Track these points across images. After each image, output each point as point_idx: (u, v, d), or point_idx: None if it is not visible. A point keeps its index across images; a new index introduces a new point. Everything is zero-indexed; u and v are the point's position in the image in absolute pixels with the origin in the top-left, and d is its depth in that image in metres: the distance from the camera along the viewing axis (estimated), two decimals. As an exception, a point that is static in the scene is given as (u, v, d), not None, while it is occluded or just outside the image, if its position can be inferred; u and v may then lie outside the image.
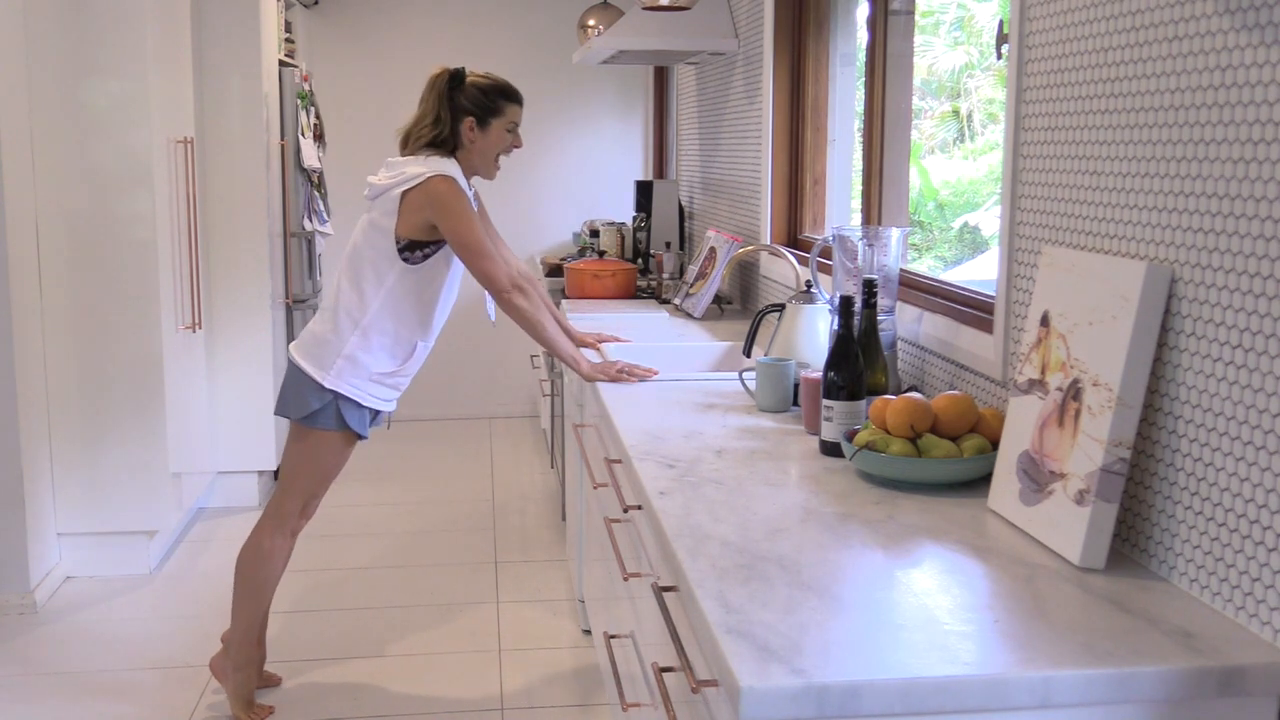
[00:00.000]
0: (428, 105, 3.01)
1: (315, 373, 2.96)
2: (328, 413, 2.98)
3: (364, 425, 3.04)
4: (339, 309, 2.99)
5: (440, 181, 2.90)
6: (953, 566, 1.69)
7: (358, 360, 2.97)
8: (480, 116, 3.00)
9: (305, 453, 3.06)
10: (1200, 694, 1.38)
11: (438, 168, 2.93)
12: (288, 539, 3.13)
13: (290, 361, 3.04)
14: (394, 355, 3.02)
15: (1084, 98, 1.88)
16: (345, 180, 6.18)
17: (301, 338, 3.06)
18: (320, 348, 2.98)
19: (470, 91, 3.00)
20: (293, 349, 3.05)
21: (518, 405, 6.62)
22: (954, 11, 6.03)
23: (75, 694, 3.24)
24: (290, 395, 3.01)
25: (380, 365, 3.00)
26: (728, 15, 4.40)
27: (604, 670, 2.98)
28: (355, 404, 3.00)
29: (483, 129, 3.01)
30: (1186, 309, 1.61)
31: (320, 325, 3.02)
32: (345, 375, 2.97)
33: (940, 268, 6.35)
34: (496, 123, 3.02)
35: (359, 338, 2.97)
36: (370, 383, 3.00)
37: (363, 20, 6.26)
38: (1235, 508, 1.50)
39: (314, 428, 3.00)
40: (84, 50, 3.86)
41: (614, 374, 2.91)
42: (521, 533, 4.62)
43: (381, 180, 2.99)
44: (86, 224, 3.92)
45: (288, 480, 3.10)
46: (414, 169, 2.94)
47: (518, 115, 3.06)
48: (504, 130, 3.04)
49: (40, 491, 3.87)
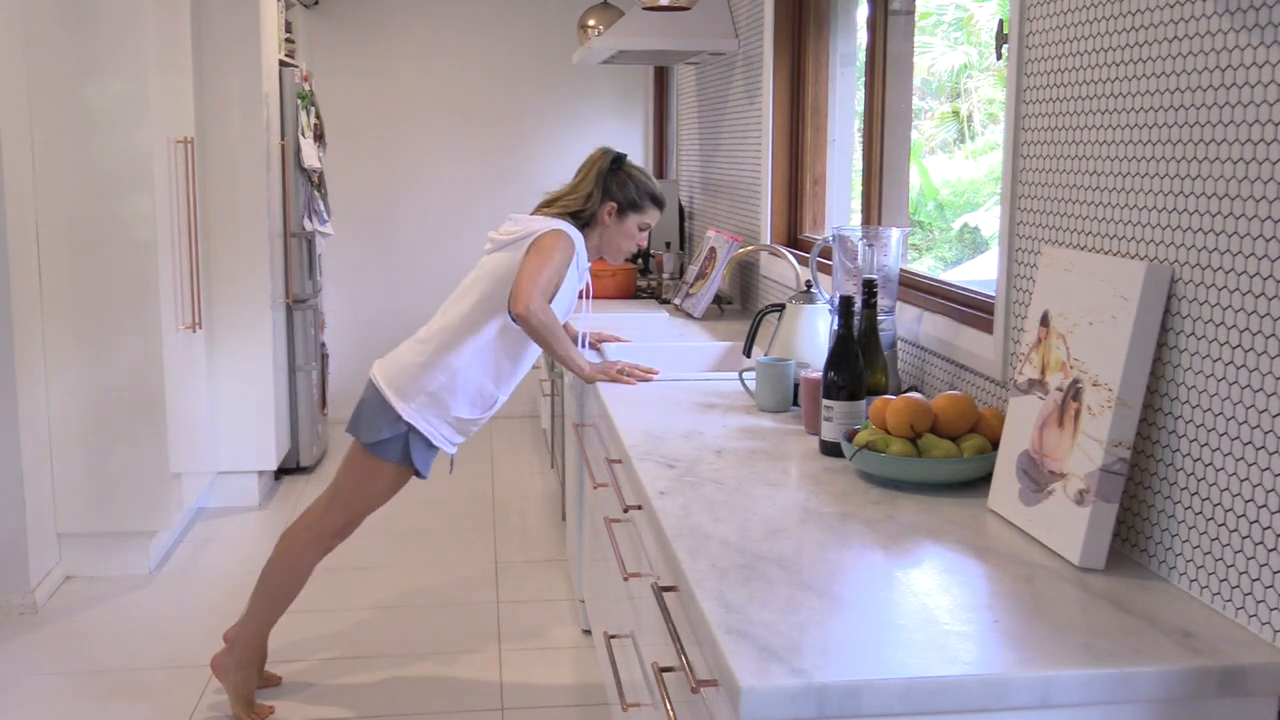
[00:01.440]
0: (584, 181, 3.08)
1: (396, 402, 2.94)
2: (396, 444, 2.96)
3: (428, 465, 3.02)
4: (435, 345, 2.97)
5: (556, 235, 2.93)
6: (953, 566, 1.69)
7: (441, 400, 2.96)
8: (623, 206, 3.06)
9: (360, 476, 3.04)
10: (1200, 694, 1.38)
11: (561, 227, 2.96)
12: (320, 554, 3.13)
13: (371, 382, 3.00)
14: (475, 404, 3.01)
15: (1084, 98, 1.88)
16: (345, 180, 6.19)
17: (388, 361, 3.02)
18: (407, 378, 2.96)
19: (623, 180, 3.07)
20: (377, 370, 3.01)
21: (518, 405, 6.62)
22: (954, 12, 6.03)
23: (75, 694, 3.24)
24: (365, 416, 2.99)
25: (461, 411, 2.99)
26: (728, 15, 4.40)
27: (604, 670, 2.98)
28: (426, 441, 2.98)
29: (620, 218, 3.07)
30: (1186, 309, 1.61)
31: (412, 355, 2.99)
32: (425, 412, 2.95)
33: (940, 268, 6.35)
34: (634, 218, 3.08)
35: (447, 379, 2.95)
36: (446, 424, 2.99)
37: (363, 20, 6.26)
38: (1235, 508, 1.50)
39: (379, 455, 2.98)
40: (84, 50, 3.86)
41: (614, 374, 2.91)
42: (521, 533, 4.62)
43: (504, 234, 3.01)
44: (86, 224, 3.92)
45: (336, 498, 3.09)
46: (540, 225, 2.97)
47: (654, 219, 3.14)
48: (636, 226, 3.10)
49: (40, 491, 3.87)
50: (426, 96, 6.33)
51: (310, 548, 3.10)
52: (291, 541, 3.11)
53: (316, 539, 3.10)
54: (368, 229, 6.35)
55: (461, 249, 6.31)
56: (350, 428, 3.04)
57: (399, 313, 6.31)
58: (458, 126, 6.35)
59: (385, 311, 6.37)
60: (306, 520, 3.13)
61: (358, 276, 6.36)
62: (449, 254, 6.33)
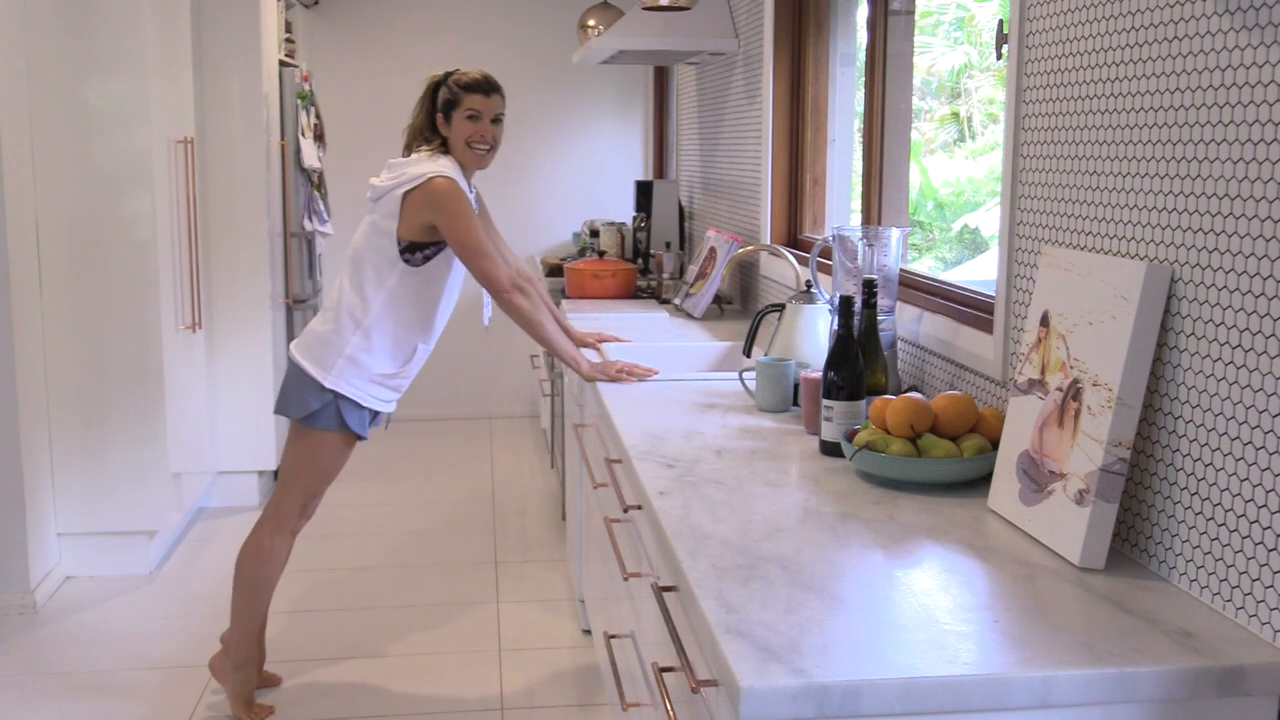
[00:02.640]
0: (416, 105, 3.11)
1: (316, 372, 2.96)
2: (328, 413, 2.98)
3: (364, 426, 3.05)
4: (340, 309, 2.99)
5: (440, 181, 2.91)
6: (953, 566, 1.69)
7: (359, 361, 2.97)
8: (445, 111, 3.04)
9: (305, 452, 3.06)
10: (1200, 694, 1.38)
11: (438, 168, 2.93)
12: (287, 539, 3.13)
13: (290, 360, 3.04)
14: (395, 357, 3.02)
15: (1084, 98, 1.88)
16: (345, 180, 6.18)
17: (303, 337, 3.06)
18: (322, 347, 2.98)
19: (442, 90, 3.05)
20: (293, 348, 3.05)
21: (518, 405, 6.62)
22: (954, 12, 6.03)
23: (75, 694, 3.24)
24: (291, 394, 3.02)
25: (381, 366, 3.00)
26: (728, 15, 4.40)
27: (604, 670, 2.98)
28: (355, 404, 3.00)
29: (448, 121, 3.04)
30: (1186, 309, 1.61)
31: (322, 325, 3.02)
32: (346, 375, 2.97)
33: (940, 268, 6.35)
34: (456, 114, 3.03)
35: (360, 338, 2.97)
36: (371, 383, 3.00)
37: (363, 20, 6.26)
38: (1235, 508, 1.50)
39: (314, 428, 3.00)
40: (84, 50, 3.86)
41: (614, 374, 2.91)
42: (521, 533, 4.62)
43: (383, 181, 3.00)
44: (86, 224, 3.92)
45: (287, 480, 3.10)
46: (414, 170, 2.95)
47: (477, 103, 3.02)
48: (464, 118, 3.02)
49: (40, 491, 3.87)
50: (426, 96, 6.32)
51: (274, 535, 3.11)
52: (256, 534, 3.13)
53: (279, 526, 3.11)
54: (368, 229, 6.34)
55: (461, 249, 6.29)
56: (279, 409, 3.06)
57: (399, 313, 6.30)
58: (458, 126, 6.34)
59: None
60: (266, 512, 3.15)
61: (358, 276, 6.35)
62: (449, 254, 6.32)
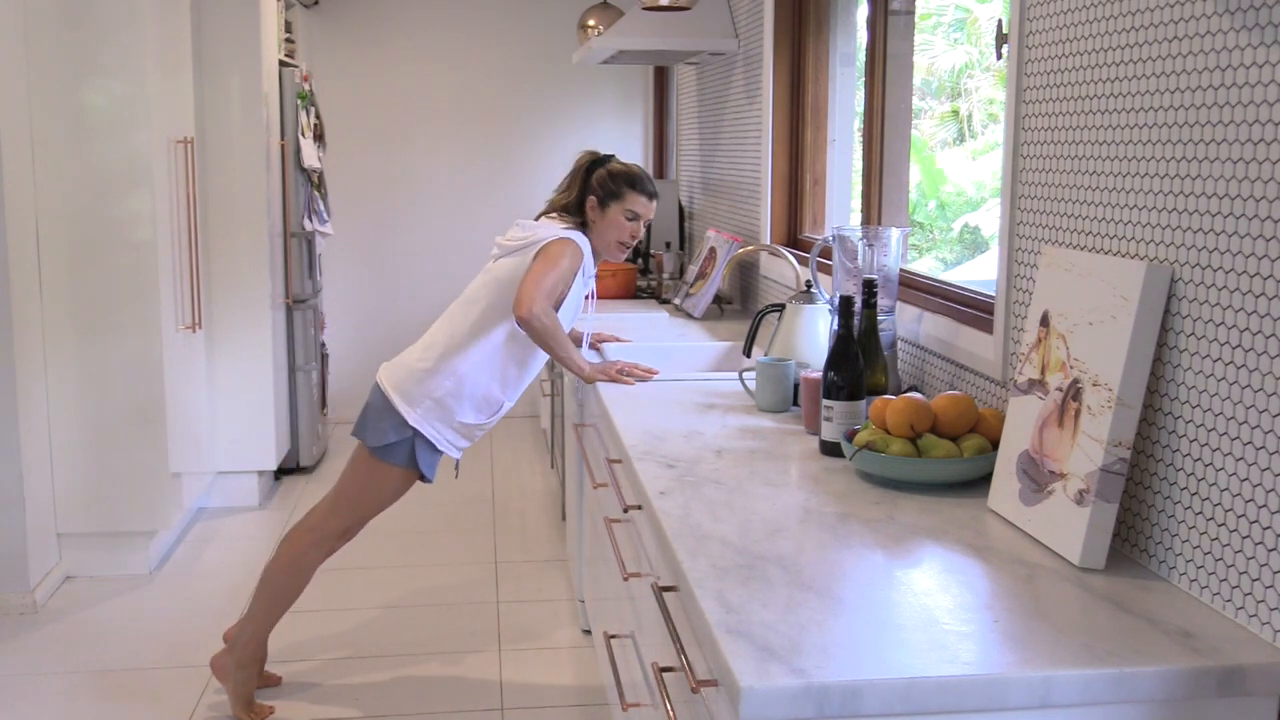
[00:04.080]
0: (572, 183, 3.09)
1: (402, 407, 2.94)
2: (402, 448, 2.96)
3: (433, 469, 3.02)
4: (440, 350, 2.97)
5: (564, 242, 2.93)
6: (953, 566, 1.69)
7: (446, 406, 2.96)
8: (601, 197, 3.04)
9: (367, 479, 3.04)
10: (1200, 694, 1.38)
11: (570, 234, 2.96)
12: (323, 556, 3.13)
13: (377, 386, 3.00)
14: (480, 410, 3.01)
15: (1084, 98, 1.88)
16: (345, 180, 6.19)
17: (394, 366, 3.02)
18: (413, 383, 2.96)
19: (601, 174, 3.05)
20: (383, 375, 3.01)
21: (518, 405, 6.60)
22: (954, 12, 6.03)
23: (75, 694, 3.24)
24: (370, 420, 2.99)
25: (466, 416, 2.99)
26: (728, 15, 4.40)
27: (604, 670, 2.98)
28: (432, 446, 2.98)
29: (602, 209, 3.04)
30: (1186, 309, 1.61)
31: (418, 361, 2.99)
32: (430, 417, 2.95)
33: (940, 268, 6.35)
34: (615, 206, 3.04)
35: (453, 384, 2.95)
36: (451, 430, 2.99)
37: (363, 20, 6.26)
38: (1235, 508, 1.50)
39: (384, 460, 2.98)
40: (84, 51, 3.86)
41: (614, 374, 2.91)
42: (521, 533, 4.62)
43: (511, 240, 3.01)
44: (86, 224, 3.92)
45: (341, 501, 3.09)
46: (546, 231, 2.97)
47: (638, 204, 3.05)
48: (622, 215, 3.04)
49: (40, 491, 3.87)
50: (426, 96, 6.33)
51: (313, 550, 3.10)
52: (295, 543, 3.11)
53: (319, 541, 3.10)
54: (368, 229, 6.35)
55: (461, 249, 6.30)
56: (356, 431, 3.04)
57: (399, 313, 6.31)
58: (457, 126, 6.35)
59: (385, 311, 6.37)
60: (310, 522, 3.13)
61: (358, 276, 6.36)
62: (448, 254, 6.33)
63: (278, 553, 3.14)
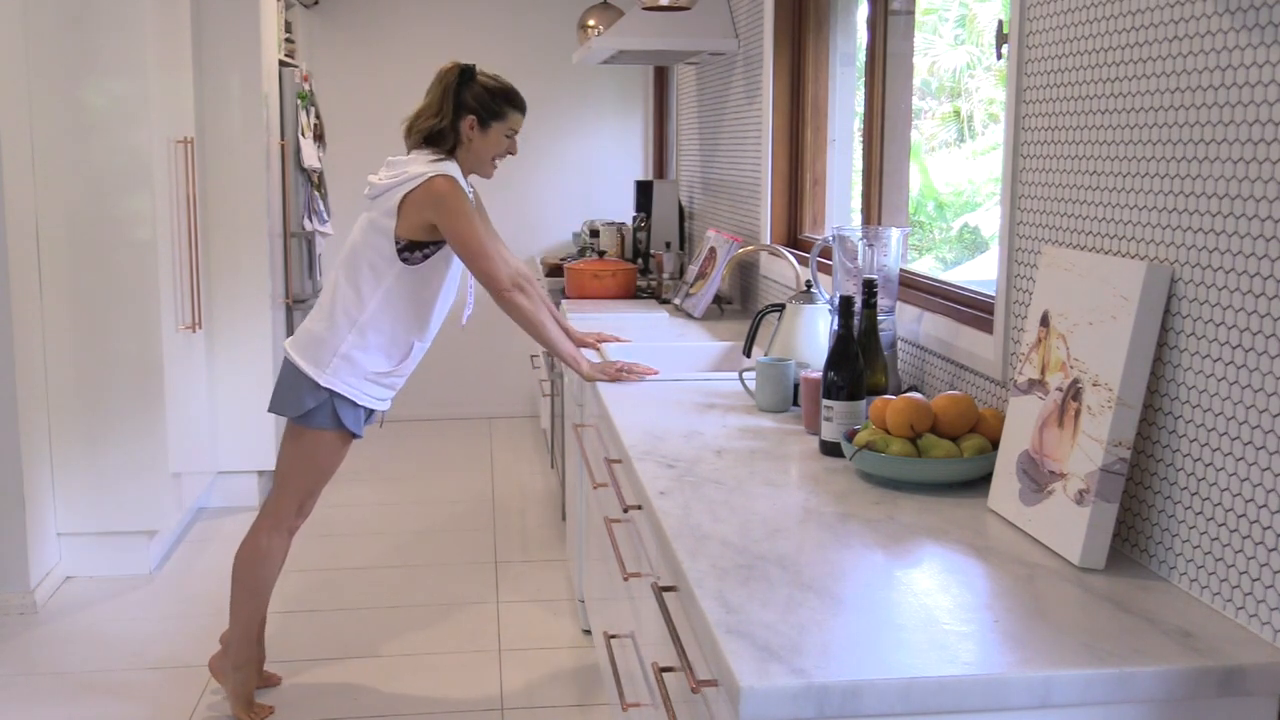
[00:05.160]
0: (433, 98, 3.02)
1: (311, 370, 2.96)
2: (323, 411, 2.98)
3: (359, 424, 3.04)
4: (336, 307, 2.98)
5: (442, 181, 2.90)
6: (953, 566, 1.69)
7: (354, 359, 2.97)
8: (482, 117, 3.00)
9: (301, 451, 3.05)
10: (1200, 694, 1.38)
11: (439, 168, 2.93)
12: (284, 538, 3.13)
13: (286, 359, 3.03)
14: (390, 355, 3.01)
15: (1084, 98, 1.88)
16: (345, 180, 6.18)
17: (297, 335, 3.04)
18: (316, 346, 2.97)
19: (476, 90, 3.00)
20: (288, 346, 3.03)
21: (518, 405, 6.62)
22: (955, 11, 6.03)
23: (75, 694, 3.24)
24: (285, 393, 3.01)
25: (376, 365, 3.00)
26: (728, 15, 4.40)
27: (604, 670, 2.98)
28: (351, 403, 2.99)
29: (483, 129, 3.01)
30: (1186, 309, 1.61)
31: (316, 323, 3.01)
32: (341, 374, 2.96)
33: (940, 268, 6.35)
34: (497, 126, 3.02)
35: (355, 336, 2.96)
36: (366, 381, 3.00)
37: (363, 20, 6.26)
38: (1235, 508, 1.50)
39: (309, 427, 3.00)
40: (84, 50, 3.86)
41: (614, 374, 2.91)
42: (521, 533, 4.62)
43: (382, 179, 2.99)
44: (86, 224, 3.92)
45: (283, 479, 3.10)
46: (415, 168, 2.94)
47: (518, 122, 3.06)
48: (503, 135, 3.04)
49: (40, 491, 3.87)
50: (426, 96, 6.32)
51: (272, 535, 3.11)
52: (253, 535, 3.12)
53: (275, 526, 3.11)
54: (368, 229, 6.34)
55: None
56: (273, 407, 3.05)
57: (399, 313, 6.30)
58: (458, 126, 6.34)
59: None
60: (264, 511, 3.15)
61: (358, 276, 6.35)
62: (449, 254, 6.32)
63: (240, 547, 3.14)
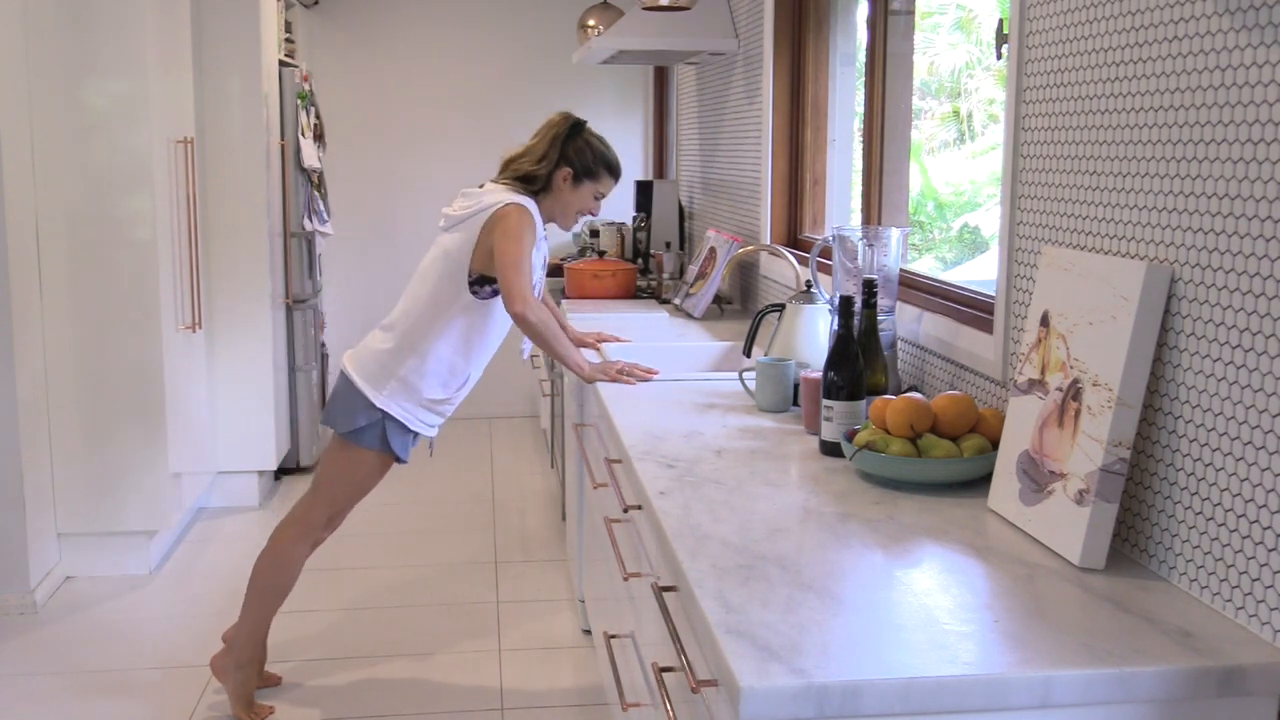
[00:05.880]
0: (539, 144, 3.06)
1: (368, 390, 2.95)
2: (373, 431, 2.97)
3: (406, 449, 3.03)
4: (400, 330, 2.99)
5: (515, 209, 2.92)
6: (953, 566, 1.69)
7: (411, 384, 2.96)
8: (578, 172, 3.05)
9: (342, 466, 3.05)
10: (1200, 694, 1.38)
11: (517, 199, 2.95)
12: (308, 548, 3.14)
13: (343, 372, 3.02)
14: (447, 384, 3.01)
15: (1084, 98, 1.88)
16: (345, 180, 6.19)
17: (358, 351, 3.04)
18: (376, 365, 2.97)
19: (581, 145, 3.05)
20: (347, 361, 3.03)
21: (518, 405, 6.62)
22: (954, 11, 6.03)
23: (75, 694, 3.24)
24: (339, 407, 3.00)
25: (432, 392, 2.99)
26: (728, 15, 4.40)
27: (604, 670, 2.98)
28: (402, 427, 2.98)
29: (575, 184, 3.06)
30: (1186, 309, 1.61)
31: (379, 343, 3.01)
32: (397, 397, 2.96)
33: (940, 268, 6.35)
34: (589, 184, 3.07)
35: (416, 361, 2.96)
36: (420, 408, 2.99)
37: (363, 20, 6.26)
38: (1235, 508, 1.50)
39: (357, 444, 2.99)
40: (84, 50, 3.86)
41: (614, 374, 2.91)
42: (521, 533, 4.62)
43: (457, 210, 3.00)
44: (86, 224, 3.92)
45: (320, 490, 3.10)
46: (491, 199, 2.96)
47: (609, 188, 3.12)
48: (591, 194, 3.09)
49: (40, 491, 3.87)
50: (426, 96, 6.33)
51: (298, 543, 3.11)
52: (279, 539, 3.12)
53: (304, 534, 3.11)
54: (368, 229, 6.35)
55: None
56: (326, 420, 3.06)
57: (399, 313, 6.31)
58: (457, 126, 6.35)
59: (385, 311, 6.28)
60: (293, 516, 3.14)
61: (358, 276, 6.36)
62: (449, 254, 6.32)
63: (263, 551, 3.14)
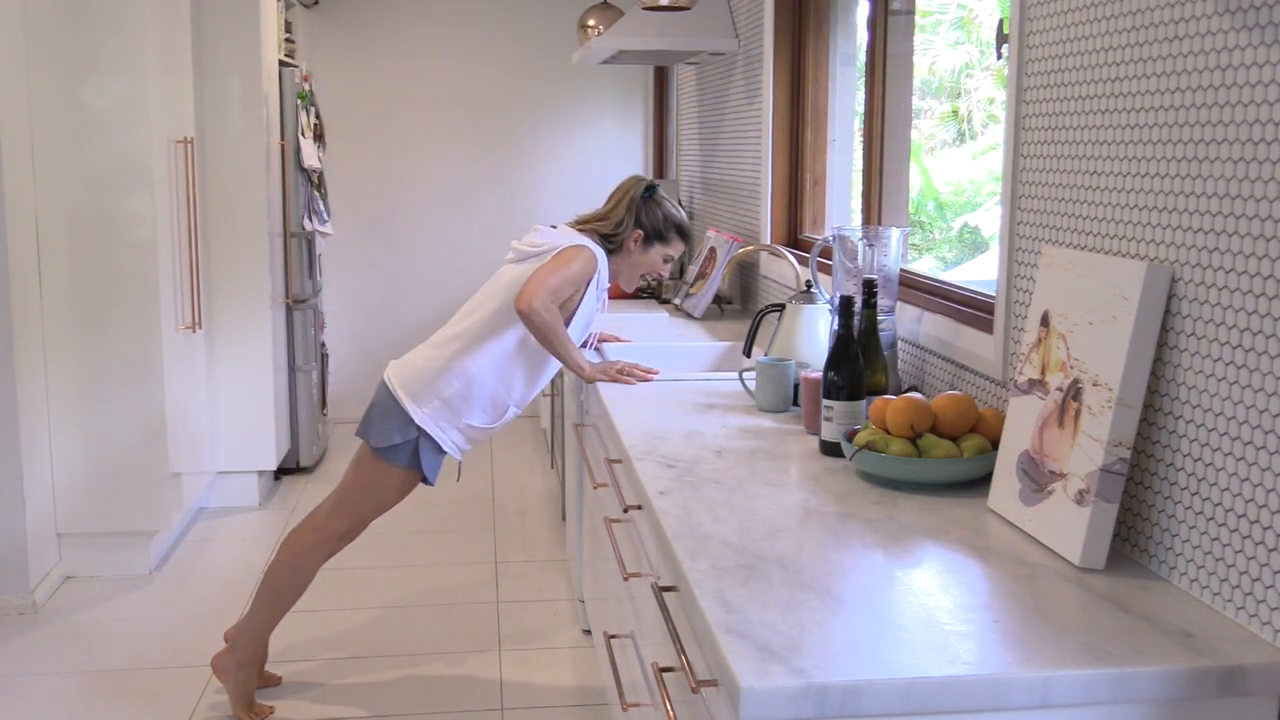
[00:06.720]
0: (614, 209, 3.09)
1: (409, 405, 2.92)
2: (406, 449, 2.95)
3: (435, 471, 3.01)
4: (451, 351, 2.95)
5: (579, 249, 2.93)
6: (953, 566, 1.69)
7: (454, 407, 2.94)
8: (649, 236, 3.07)
9: (369, 479, 3.03)
10: (1200, 694, 1.38)
11: (588, 243, 2.96)
12: (324, 557, 3.12)
13: (385, 384, 2.98)
14: (486, 412, 3.00)
15: (1084, 98, 1.88)
16: (345, 180, 6.19)
17: (403, 364, 3.01)
18: (421, 383, 2.94)
19: (654, 210, 3.08)
20: (391, 372, 2.99)
21: (518, 405, 6.62)
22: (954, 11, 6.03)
23: (75, 694, 3.24)
24: (376, 419, 2.97)
25: (473, 418, 2.98)
26: (728, 15, 4.40)
27: (604, 670, 2.98)
28: (436, 447, 2.97)
29: (645, 246, 3.08)
30: (1186, 309, 1.61)
31: (427, 360, 2.97)
32: (438, 417, 2.94)
33: (940, 268, 6.35)
34: (659, 247, 3.10)
35: (463, 385, 2.94)
36: (457, 430, 2.98)
37: (363, 20, 6.26)
38: (1235, 508, 1.50)
39: (387, 460, 2.97)
40: (84, 50, 3.86)
41: (614, 374, 2.91)
42: (521, 533, 4.62)
43: (527, 246, 3.00)
44: (86, 224, 3.92)
45: (343, 501, 3.08)
46: (566, 240, 2.97)
47: (679, 251, 3.15)
48: (661, 257, 3.12)
49: (40, 491, 3.87)
50: (426, 96, 6.33)
51: (315, 551, 3.10)
52: (296, 543, 3.11)
53: (322, 541, 3.09)
54: (368, 229, 6.35)
55: (461, 249, 6.31)
56: (360, 430, 3.02)
57: (399, 312, 6.31)
58: (457, 126, 6.35)
59: (385, 311, 6.37)
60: (312, 522, 3.12)
61: (358, 276, 6.36)
62: (449, 253, 6.33)
63: (279, 553, 3.13)
